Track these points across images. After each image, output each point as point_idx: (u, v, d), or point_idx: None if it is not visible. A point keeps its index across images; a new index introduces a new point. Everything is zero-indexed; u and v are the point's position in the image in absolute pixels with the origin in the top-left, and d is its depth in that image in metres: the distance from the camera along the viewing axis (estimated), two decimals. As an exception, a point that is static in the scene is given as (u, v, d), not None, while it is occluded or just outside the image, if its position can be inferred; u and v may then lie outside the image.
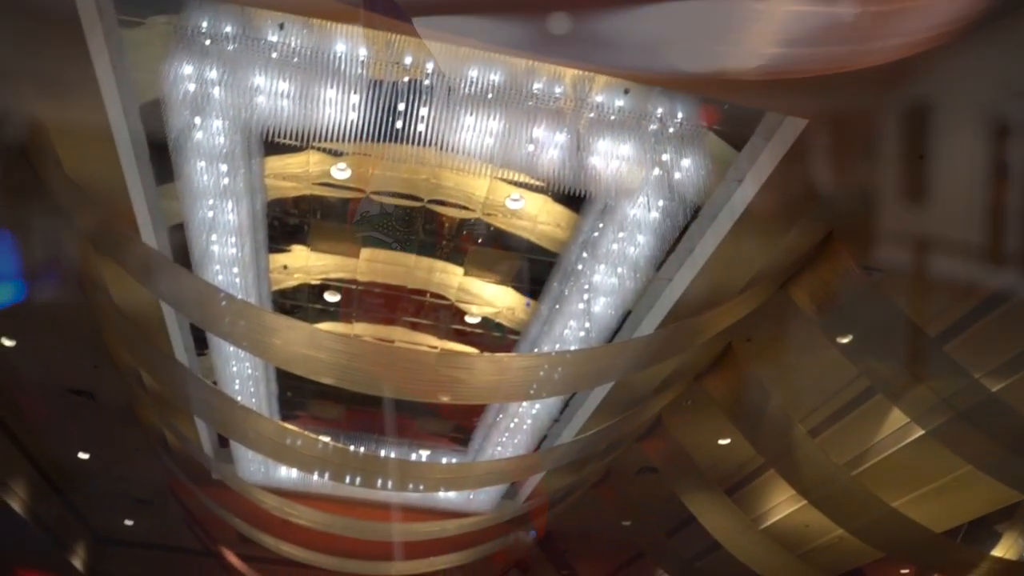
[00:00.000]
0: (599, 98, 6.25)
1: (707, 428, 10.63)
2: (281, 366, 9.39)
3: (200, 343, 10.01)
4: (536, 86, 6.09)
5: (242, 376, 10.66)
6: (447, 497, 13.23)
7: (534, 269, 8.76)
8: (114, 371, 9.68)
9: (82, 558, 16.35)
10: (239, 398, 10.10)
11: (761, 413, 8.66)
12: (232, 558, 14.37)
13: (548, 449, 11.24)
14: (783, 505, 11.71)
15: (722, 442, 11.13)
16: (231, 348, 9.89)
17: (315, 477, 12.10)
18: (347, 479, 9.41)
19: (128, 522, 16.02)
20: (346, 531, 11.65)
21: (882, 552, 10.88)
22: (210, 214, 7.75)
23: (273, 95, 6.12)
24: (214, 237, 8.05)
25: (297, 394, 11.75)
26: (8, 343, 9.68)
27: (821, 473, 8.57)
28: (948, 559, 9.82)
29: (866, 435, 9.85)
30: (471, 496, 13.26)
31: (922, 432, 8.38)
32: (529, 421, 11.18)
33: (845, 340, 7.41)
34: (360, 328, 9.97)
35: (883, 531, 8.94)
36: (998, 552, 9.88)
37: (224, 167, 7.20)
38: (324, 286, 9.27)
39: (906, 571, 13.71)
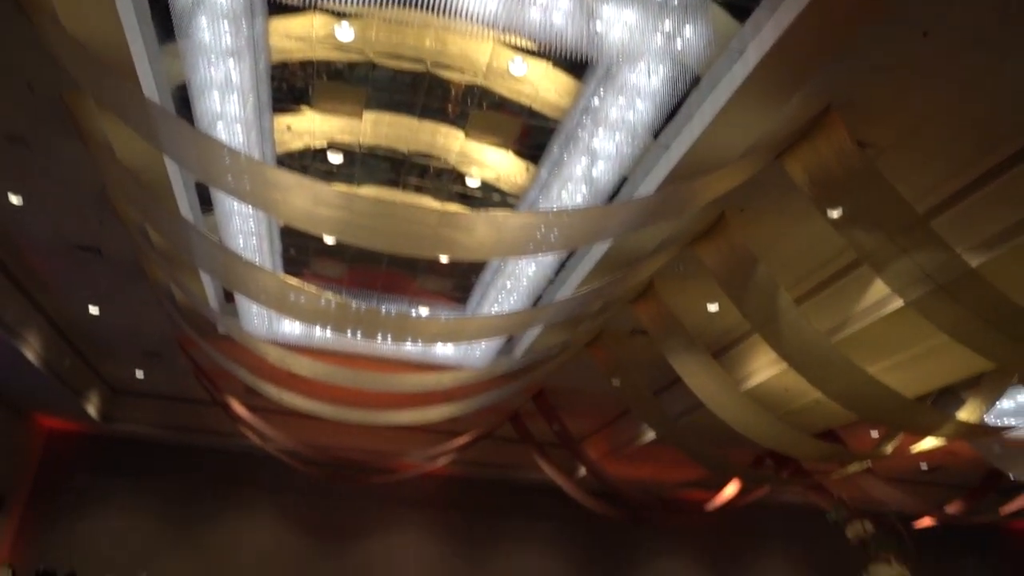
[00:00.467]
0: (605, -37, 6.18)
1: (697, 294, 10.97)
2: (284, 221, 9.54)
3: (204, 201, 10.14)
4: (543, -51, 6.01)
5: (245, 232, 10.83)
6: (445, 353, 13.74)
7: (535, 134, 8.83)
8: (120, 227, 9.84)
9: (96, 406, 17.06)
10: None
11: (749, 280, 8.89)
12: (238, 408, 14.95)
13: (541, 306, 11.58)
14: (765, 369, 12.17)
15: (711, 308, 11.50)
16: (234, 204, 10.05)
17: (317, 331, 12.51)
18: (348, 333, 9.69)
19: (139, 374, 16.59)
20: (346, 382, 12.08)
21: (856, 415, 11.39)
22: (212, 72, 7.74)
23: (276, -49, 6.05)
24: (216, 95, 8.06)
25: (300, 252, 11.99)
26: (16, 201, 9.83)
27: (803, 339, 8.86)
28: (916, 421, 10.34)
29: (848, 304, 10.17)
30: (467, 352, 13.76)
31: (902, 303, 8.66)
32: (525, 281, 11.49)
33: (835, 213, 7.53)
34: (363, 191, 10.11)
35: (858, 395, 9.24)
36: (962, 416, 10.44)
37: (226, 24, 7.15)
38: (328, 148, 9.33)
39: (875, 432, 14.45)
